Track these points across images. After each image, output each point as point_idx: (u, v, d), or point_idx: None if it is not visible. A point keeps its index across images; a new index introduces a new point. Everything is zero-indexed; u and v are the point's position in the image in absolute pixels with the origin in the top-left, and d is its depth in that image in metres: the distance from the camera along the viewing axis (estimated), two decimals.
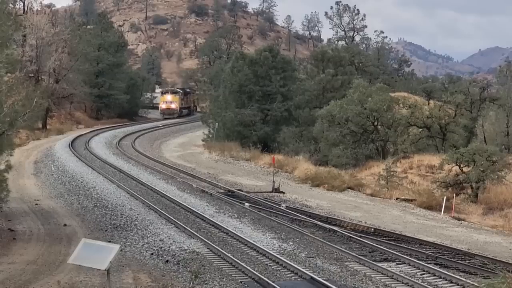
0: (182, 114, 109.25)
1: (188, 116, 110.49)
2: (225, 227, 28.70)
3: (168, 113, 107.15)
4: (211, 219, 30.52)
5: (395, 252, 25.16)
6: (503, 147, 53.20)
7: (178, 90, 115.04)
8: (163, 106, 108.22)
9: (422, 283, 21.01)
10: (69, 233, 27.20)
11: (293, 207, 35.15)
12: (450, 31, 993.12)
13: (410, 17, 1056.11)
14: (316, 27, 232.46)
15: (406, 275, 21.97)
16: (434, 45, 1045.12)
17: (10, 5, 31.21)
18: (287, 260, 23.22)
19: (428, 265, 23.34)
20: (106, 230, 27.85)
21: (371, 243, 26.73)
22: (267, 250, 24.50)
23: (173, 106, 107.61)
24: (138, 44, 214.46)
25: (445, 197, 36.78)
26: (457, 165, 39.21)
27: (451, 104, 56.31)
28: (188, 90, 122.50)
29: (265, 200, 36.96)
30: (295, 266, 22.35)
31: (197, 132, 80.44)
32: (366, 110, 51.41)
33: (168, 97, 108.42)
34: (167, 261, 22.99)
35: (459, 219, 34.53)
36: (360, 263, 23.67)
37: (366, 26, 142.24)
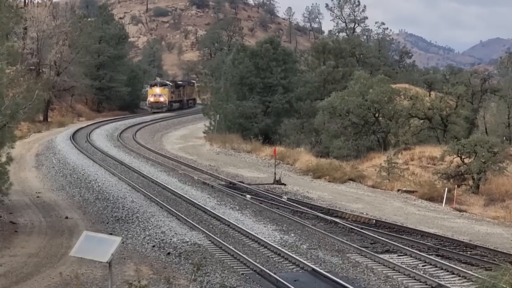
0: (172, 108, 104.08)
1: (180, 110, 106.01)
2: (227, 219, 28.72)
3: (156, 107, 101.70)
4: (213, 211, 30.55)
5: (397, 244, 25.17)
6: (504, 138, 53.21)
7: (167, 82, 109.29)
8: (151, 99, 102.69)
9: (424, 275, 21.04)
10: (71, 225, 27.23)
11: (294, 199, 35.16)
12: (451, 22, 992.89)
13: (411, 8, 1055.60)
14: (317, 19, 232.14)
15: (407, 266, 22.00)
16: (436, 36, 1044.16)
17: None
18: (289, 252, 23.25)
19: (430, 257, 23.35)
20: (107, 223, 27.88)
21: (373, 235, 26.75)
22: (269, 242, 24.52)
23: (161, 99, 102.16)
24: (139, 37, 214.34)
25: (446, 189, 36.78)
26: (458, 156, 39.21)
27: (452, 95, 56.19)
28: (180, 82, 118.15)
29: (266, 192, 36.96)
30: (297, 258, 22.38)
31: (198, 124, 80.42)
32: (367, 102, 51.36)
33: (157, 90, 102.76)
34: (168, 253, 23.02)
35: (460, 211, 34.55)
36: (361, 255, 23.69)
37: (367, 18, 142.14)
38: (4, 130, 25.83)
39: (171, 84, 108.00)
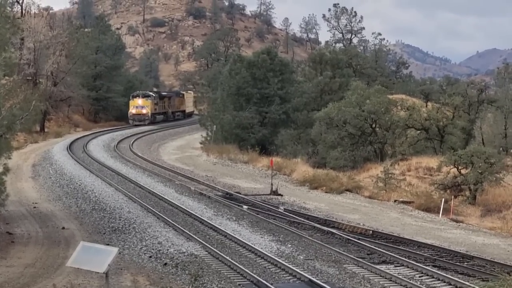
0: (155, 121, 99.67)
1: (165, 122, 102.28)
2: (224, 229, 28.69)
3: (138, 119, 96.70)
4: (210, 221, 30.52)
5: (394, 254, 25.17)
6: (501, 149, 53.28)
7: (151, 93, 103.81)
8: (132, 111, 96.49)
9: (421, 285, 21.02)
10: (68, 236, 27.18)
11: (291, 210, 35.14)
12: (448, 33, 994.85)
13: (408, 18, 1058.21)
14: (314, 30, 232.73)
15: (404, 277, 21.96)
16: (432, 47, 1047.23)
17: (8, 8, 31.20)
18: (286, 262, 23.22)
19: (427, 267, 23.34)
20: (104, 233, 27.84)
21: (370, 246, 26.73)
22: (266, 253, 24.50)
23: (144, 111, 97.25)
24: (136, 47, 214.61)
25: (443, 199, 36.79)
26: (455, 167, 39.25)
27: (449, 106, 56.27)
28: (164, 93, 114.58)
29: (263, 203, 36.92)
30: (294, 268, 22.35)
31: (195, 134, 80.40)
32: (364, 112, 51.42)
33: (139, 101, 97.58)
34: (165, 264, 22.98)
35: (457, 221, 34.54)
36: (358, 266, 23.67)
37: (363, 28, 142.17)
38: (0, 140, 25.81)
39: (154, 95, 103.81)
